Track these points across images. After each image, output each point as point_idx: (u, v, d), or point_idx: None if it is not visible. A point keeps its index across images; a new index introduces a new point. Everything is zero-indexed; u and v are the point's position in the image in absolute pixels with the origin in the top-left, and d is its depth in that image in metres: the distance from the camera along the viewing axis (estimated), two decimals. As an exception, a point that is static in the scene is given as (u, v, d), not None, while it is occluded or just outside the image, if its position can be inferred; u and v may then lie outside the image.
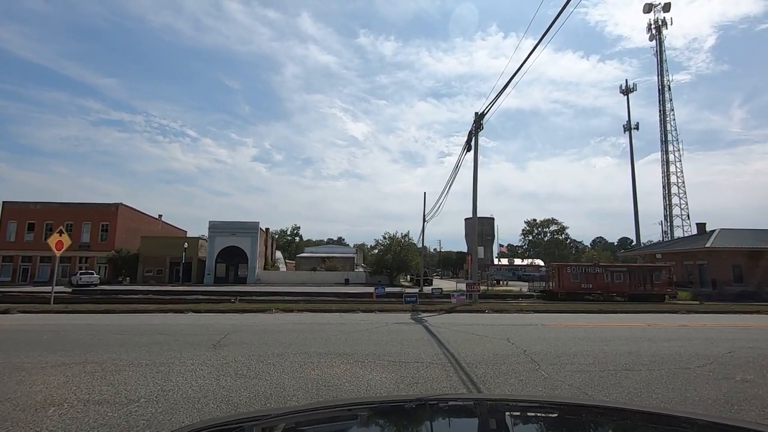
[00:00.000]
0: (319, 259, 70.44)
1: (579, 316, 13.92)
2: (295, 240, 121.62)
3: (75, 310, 14.10)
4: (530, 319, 12.31)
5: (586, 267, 37.72)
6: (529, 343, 7.84)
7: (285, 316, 13.20)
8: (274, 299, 30.03)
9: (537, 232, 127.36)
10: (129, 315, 13.11)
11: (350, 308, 14.77)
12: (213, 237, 51.84)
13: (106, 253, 50.71)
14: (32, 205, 53.12)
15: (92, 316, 12.90)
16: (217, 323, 10.78)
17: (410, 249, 53.51)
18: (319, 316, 13.29)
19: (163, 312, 14.01)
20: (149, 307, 14.72)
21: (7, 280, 50.25)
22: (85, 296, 32.56)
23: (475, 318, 12.67)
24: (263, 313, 13.97)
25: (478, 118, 16.98)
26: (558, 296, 35.80)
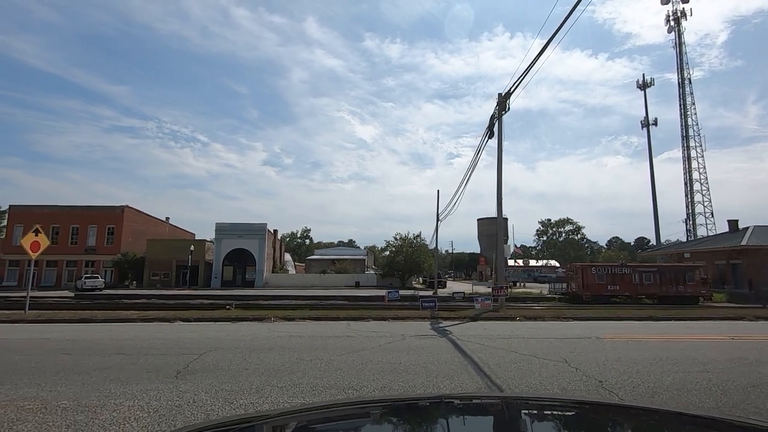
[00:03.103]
0: (329, 262, 68.79)
1: (630, 324, 11.80)
2: (305, 242, 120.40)
3: (49, 319, 12.46)
4: (576, 330, 10.25)
5: (612, 267, 35.27)
6: (598, 369, 5.82)
7: (283, 326, 11.34)
8: (280, 304, 28.31)
9: (552, 232, 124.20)
10: (106, 325, 11.40)
11: (360, 316, 12.85)
12: (220, 239, 50.43)
13: (112, 257, 49.64)
14: (38, 208, 52.39)
15: (64, 326, 11.21)
16: (200, 336, 8.96)
17: (422, 250, 51.45)
18: (323, 325, 11.40)
19: (147, 320, 12.28)
20: (133, 314, 13.01)
21: (14, 284, 49.49)
22: (87, 301, 31.29)
23: (509, 328, 10.64)
24: (260, 321, 12.14)
25: (503, 99, 15.00)
26: (582, 299, 33.49)
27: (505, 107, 14.80)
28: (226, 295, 36.22)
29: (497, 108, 15.49)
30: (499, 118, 15.55)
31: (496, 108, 15.63)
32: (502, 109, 15.04)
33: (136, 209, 55.39)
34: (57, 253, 50.74)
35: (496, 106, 15.56)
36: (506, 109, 14.82)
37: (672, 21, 75.91)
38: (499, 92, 15.54)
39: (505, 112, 15.01)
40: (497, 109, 15.52)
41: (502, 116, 15.51)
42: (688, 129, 74.94)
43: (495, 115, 15.94)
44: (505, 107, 14.80)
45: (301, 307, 23.93)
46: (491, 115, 16.14)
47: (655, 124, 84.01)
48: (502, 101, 14.89)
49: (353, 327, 10.85)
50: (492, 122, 15.97)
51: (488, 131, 16.28)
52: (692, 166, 73.11)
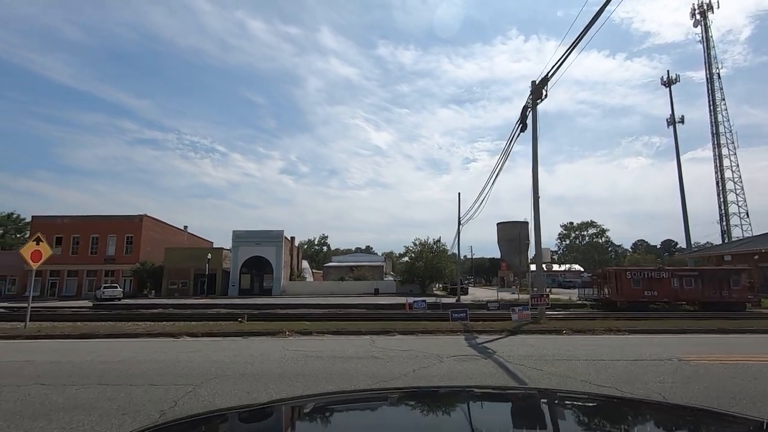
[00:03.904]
0: (346, 269, 67.67)
1: (702, 339, 10.07)
2: (323, 249, 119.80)
3: (48, 334, 11.50)
4: (644, 348, 8.61)
5: (649, 272, 32.98)
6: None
7: (299, 342, 10.04)
8: (297, 313, 27.12)
9: (574, 236, 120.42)
10: (105, 342, 10.33)
11: (384, 329, 11.46)
12: (237, 247, 49.85)
13: (130, 266, 49.57)
14: (60, 219, 52.87)
15: (59, 343, 10.18)
16: (203, 358, 7.73)
17: (443, 256, 49.78)
18: (343, 342, 10.06)
19: (152, 335, 11.18)
20: (138, 328, 11.94)
21: (36, 294, 49.82)
22: (104, 311, 30.80)
23: (560, 345, 9.08)
24: (273, 337, 10.88)
25: (537, 86, 13.51)
26: (617, 305, 31.36)
27: (540, 95, 13.30)
28: (243, 304, 35.30)
29: (531, 97, 14.00)
30: (533, 108, 14.05)
31: (530, 97, 14.14)
32: (537, 98, 13.54)
33: (155, 218, 55.42)
34: (77, 263, 51.04)
35: (530, 95, 14.08)
36: (542, 97, 13.32)
37: (698, 14, 72.71)
38: (533, 80, 14.07)
39: (541, 101, 13.50)
40: (531, 99, 14.03)
41: (536, 106, 14.01)
42: (718, 126, 71.30)
43: (528, 106, 14.45)
44: (540, 95, 13.30)
45: (318, 318, 22.70)
46: (524, 106, 14.66)
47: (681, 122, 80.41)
48: (537, 89, 13.40)
49: (378, 344, 9.47)
50: (525, 113, 14.48)
51: (520, 123, 14.79)
52: (724, 165, 69.42)
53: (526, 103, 14.61)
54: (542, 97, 13.30)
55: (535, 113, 14.09)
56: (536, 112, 14.10)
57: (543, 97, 13.28)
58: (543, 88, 12.90)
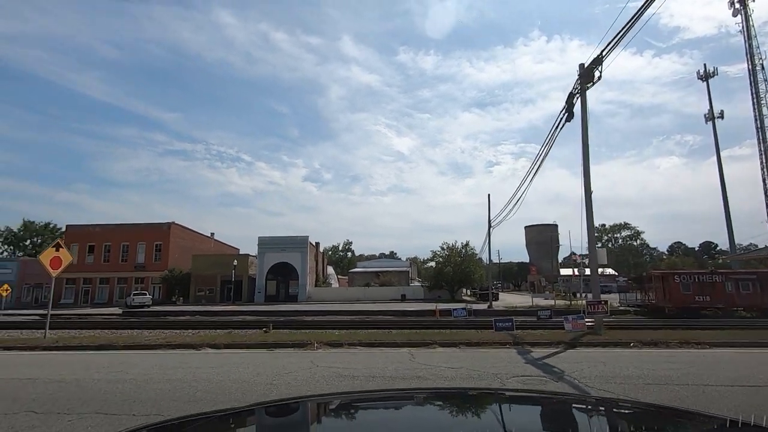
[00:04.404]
0: (372, 274, 66.72)
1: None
2: (347, 255, 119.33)
3: (66, 345, 10.88)
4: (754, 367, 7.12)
5: (700, 275, 30.53)
6: None
7: (329, 356, 8.99)
8: (324, 320, 26.20)
9: (607, 238, 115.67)
10: (121, 354, 9.57)
11: (422, 340, 10.26)
12: (262, 253, 49.65)
13: (159, 273, 50.08)
14: (92, 227, 54.11)
15: (74, 356, 9.49)
16: (221, 376, 6.76)
17: (472, 260, 48.08)
18: (378, 355, 8.94)
19: (171, 347, 10.37)
20: (158, 339, 11.18)
21: (70, 302, 50.99)
22: (134, 318, 30.80)
23: (637, 362, 7.66)
24: (301, 349, 9.87)
25: (587, 69, 12.09)
26: (665, 311, 29.11)
27: (591, 78, 11.88)
28: (269, 311, 34.75)
29: (579, 80, 12.59)
30: (581, 94, 12.64)
31: (577, 81, 12.74)
32: (587, 82, 12.14)
33: (182, 226, 56.02)
34: (109, 271, 51.99)
35: (577, 79, 12.68)
36: (594, 80, 11.89)
37: (737, 3, 68.73)
38: (581, 62, 12.67)
39: (593, 84, 12.07)
40: (579, 83, 12.63)
41: (586, 91, 12.60)
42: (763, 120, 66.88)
43: (574, 92, 13.05)
44: (591, 78, 11.88)
45: (346, 325, 21.69)
46: (569, 93, 13.26)
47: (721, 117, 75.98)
48: (587, 71, 11.99)
49: (419, 359, 8.30)
50: (571, 100, 13.07)
51: (566, 113, 13.37)
52: (770, 161, 64.85)
53: (572, 90, 13.21)
54: (594, 80, 11.88)
55: (584, 99, 12.67)
56: (586, 98, 12.69)
57: (595, 80, 11.84)
58: (596, 69, 11.47)
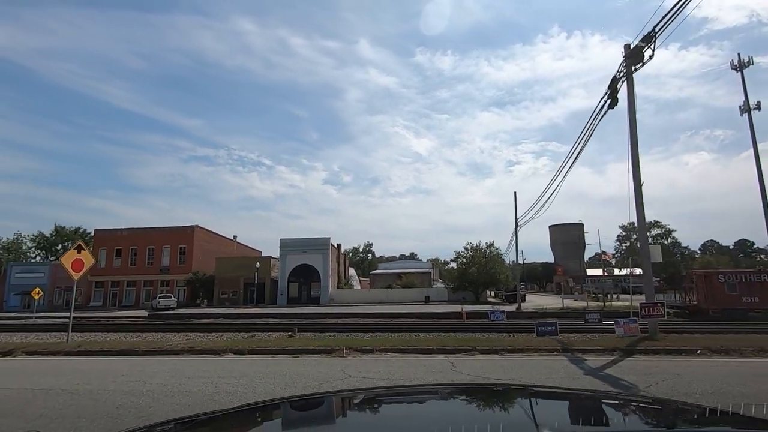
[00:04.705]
0: (394, 276, 65.95)
1: None
2: (368, 257, 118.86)
3: (88, 350, 10.51)
4: None
5: (747, 275, 28.58)
6: None
7: (360, 363, 8.26)
8: (348, 323, 25.54)
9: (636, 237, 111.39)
10: (141, 360, 9.09)
11: (460, 347, 9.42)
12: (284, 255, 49.55)
13: (184, 276, 50.59)
14: (119, 231, 55.17)
15: (94, 362, 9.06)
16: (244, 390, 6.11)
17: (497, 261, 46.72)
18: (414, 364, 8.16)
19: (194, 353, 9.84)
20: (179, 344, 10.69)
21: (99, 305, 52.07)
22: (159, 321, 30.92)
23: (717, 374, 6.62)
24: (329, 355, 9.18)
25: (634, 50, 11.00)
26: (709, 314, 27.32)
27: (641, 58, 10.77)
28: (292, 313, 34.44)
29: (624, 62, 11.51)
30: (628, 78, 11.56)
31: (622, 64, 11.66)
32: (636, 63, 11.05)
33: (206, 229, 56.52)
34: (135, 274, 52.86)
35: (623, 61, 11.60)
36: (643, 60, 10.78)
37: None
38: (626, 42, 11.59)
39: (642, 65, 10.95)
40: (624, 64, 11.54)
41: (632, 75, 11.51)
42: (804, 110, 62.97)
43: (619, 76, 11.96)
44: (641, 58, 10.77)
45: (371, 328, 20.97)
46: (612, 76, 12.17)
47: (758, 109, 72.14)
48: (635, 52, 10.90)
49: (461, 368, 7.47)
50: (615, 85, 11.99)
51: (608, 98, 12.29)
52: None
53: (615, 74, 12.12)
54: (643, 60, 10.77)
55: (631, 83, 11.58)
56: (633, 81, 11.60)
57: (645, 61, 10.73)
58: (648, 47, 10.35)
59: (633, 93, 11.71)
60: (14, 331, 23.06)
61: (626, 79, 11.63)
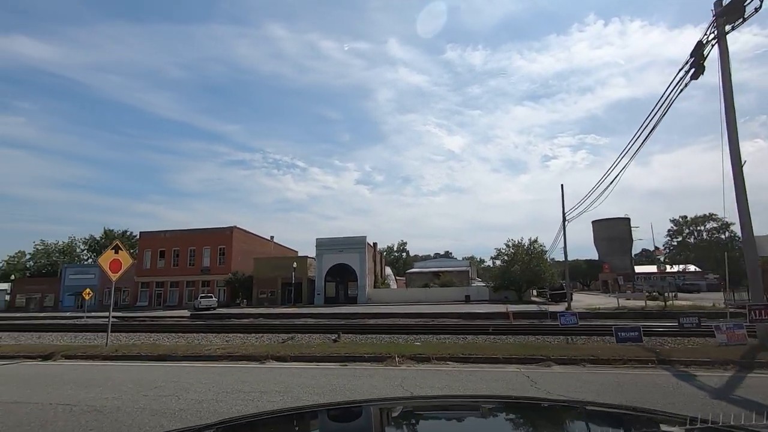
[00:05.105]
0: (430, 275, 64.51)
1: None
2: (402, 256, 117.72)
3: (125, 354, 9.99)
4: None
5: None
6: None
7: (418, 375, 7.13)
8: (389, 323, 24.52)
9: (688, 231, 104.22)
10: (177, 367, 8.38)
11: (531, 356, 8.10)
12: (321, 255, 49.25)
13: (224, 276, 51.35)
14: (162, 233, 56.78)
15: (130, 368, 8.44)
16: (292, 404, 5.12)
17: (540, 258, 44.34)
18: (483, 376, 6.95)
19: (232, 359, 9.07)
20: (218, 350, 9.97)
21: (145, 305, 53.81)
22: (200, 321, 31.15)
23: None
24: (380, 364, 8.13)
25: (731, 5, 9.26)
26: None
27: (741, 13, 9.01)
28: (330, 313, 33.85)
29: (714, 21, 9.74)
30: (720, 40, 9.77)
31: (712, 24, 9.89)
32: (734, 20, 9.29)
33: (244, 229, 57.21)
34: (178, 275, 54.22)
35: (713, 20, 9.82)
36: (744, 15, 8.99)
37: None
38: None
39: (742, 23, 9.17)
40: (715, 24, 9.77)
41: (725, 36, 9.72)
42: None
43: (706, 41, 10.18)
44: (741, 13, 9.01)
45: (415, 329, 19.83)
46: (697, 41, 10.40)
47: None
48: (732, 7, 9.15)
49: (542, 384, 6.19)
50: (700, 50, 10.21)
51: (691, 66, 10.51)
52: None
53: (701, 39, 10.34)
54: (744, 15, 8.97)
55: (724, 47, 9.79)
56: (726, 45, 9.81)
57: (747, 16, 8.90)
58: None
59: (727, 59, 9.91)
60: (65, 331, 23.62)
61: (717, 41, 9.84)
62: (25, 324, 28.78)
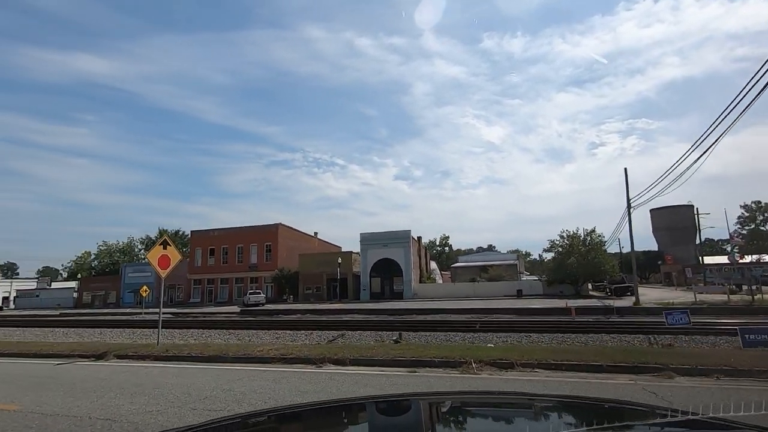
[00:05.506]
0: (476, 269, 62.36)
1: None
2: (445, 250, 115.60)
3: (176, 355, 9.47)
4: None
5: None
6: None
7: (508, 386, 5.88)
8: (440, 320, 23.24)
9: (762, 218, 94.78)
10: (231, 370, 7.63)
11: (642, 363, 6.60)
12: (365, 250, 48.64)
13: (270, 273, 52.03)
14: (212, 232, 58.45)
15: (181, 371, 7.81)
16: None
17: (599, 249, 41.28)
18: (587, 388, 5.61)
19: (287, 361, 8.23)
20: (271, 350, 9.18)
21: (198, 301, 55.67)
22: (250, 317, 31.37)
23: None
24: (455, 370, 6.96)
25: None
26: None
27: None
28: (377, 309, 33.04)
29: None
30: None
31: None
32: None
33: (288, 226, 57.77)
34: (227, 272, 55.63)
35: None
36: None
37: None
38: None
39: None
40: None
41: None
42: None
43: None
44: None
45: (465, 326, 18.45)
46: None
47: None
48: None
49: (679, 404, 4.76)
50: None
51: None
52: None
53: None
54: None
55: None
56: None
57: None
58: None
59: None
60: (124, 327, 24.26)
61: None
62: (89, 320, 30.10)
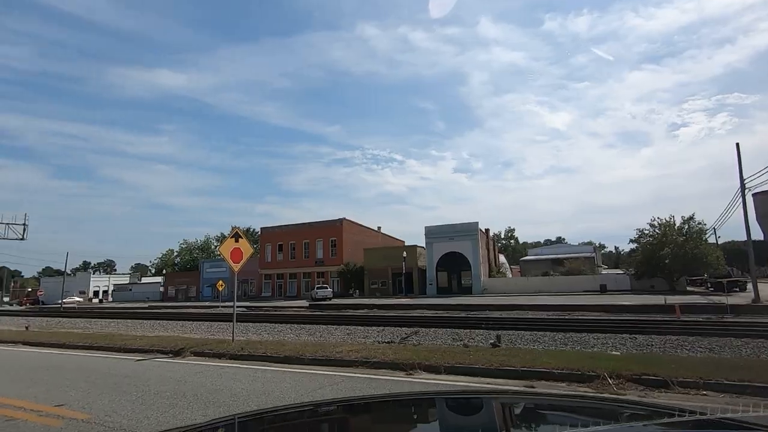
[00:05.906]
0: (548, 262, 58.39)
1: None
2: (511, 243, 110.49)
3: (250, 354, 8.87)
4: None
5: None
6: None
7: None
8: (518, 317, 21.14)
9: None
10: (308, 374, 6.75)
11: None
12: (430, 243, 47.17)
13: (336, 267, 52.46)
14: (280, 228, 60.29)
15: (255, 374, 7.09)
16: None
17: (699, 239, 36.27)
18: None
19: (371, 367, 7.19)
20: (352, 350, 8.22)
21: (268, 295, 57.76)
22: (319, 312, 31.45)
23: None
24: (584, 385, 5.45)
25: None
26: None
27: None
28: (446, 305, 31.58)
29: None
30: None
31: None
32: None
33: (352, 221, 57.93)
34: (295, 267, 57.07)
35: None
36: None
37: None
38: None
39: None
40: None
41: None
42: None
43: None
44: None
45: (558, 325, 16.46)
46: None
47: None
48: None
49: None
50: None
51: None
52: None
53: None
54: None
55: None
56: None
57: None
58: None
59: None
60: (203, 320, 25.19)
61: None
62: (173, 313, 31.92)
